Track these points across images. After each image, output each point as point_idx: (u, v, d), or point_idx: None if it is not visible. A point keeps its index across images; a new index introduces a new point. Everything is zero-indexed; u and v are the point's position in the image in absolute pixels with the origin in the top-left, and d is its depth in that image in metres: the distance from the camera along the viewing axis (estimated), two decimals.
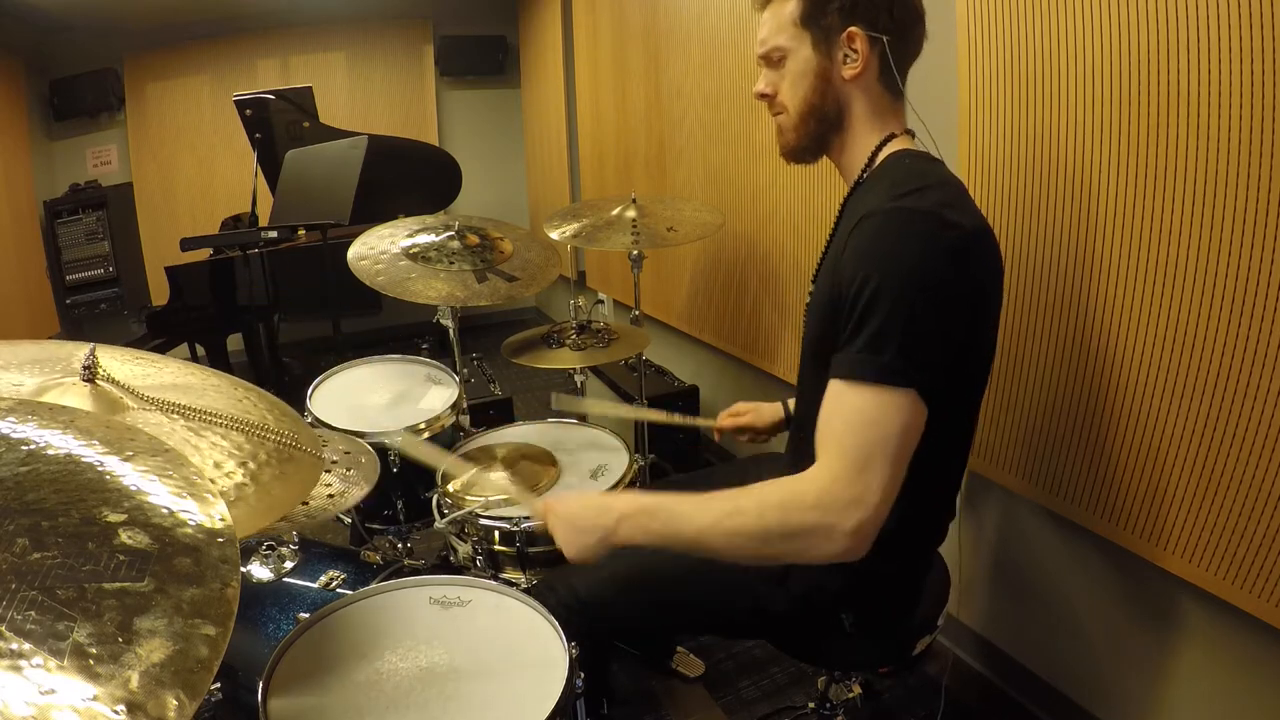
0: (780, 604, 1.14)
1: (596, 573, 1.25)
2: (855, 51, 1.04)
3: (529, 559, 1.54)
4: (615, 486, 1.59)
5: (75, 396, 0.87)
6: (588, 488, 1.58)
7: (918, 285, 0.91)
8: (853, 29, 1.03)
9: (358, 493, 1.44)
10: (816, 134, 1.12)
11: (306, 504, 1.37)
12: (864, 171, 1.10)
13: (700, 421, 1.66)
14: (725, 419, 1.58)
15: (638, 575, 1.24)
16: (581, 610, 1.18)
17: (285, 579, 1.37)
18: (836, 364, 0.96)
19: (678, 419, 1.65)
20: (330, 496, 1.42)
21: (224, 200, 4.65)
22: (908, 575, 1.16)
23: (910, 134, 1.12)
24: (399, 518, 1.89)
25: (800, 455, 1.13)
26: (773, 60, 1.12)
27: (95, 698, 0.45)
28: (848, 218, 1.08)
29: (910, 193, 0.97)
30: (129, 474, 0.62)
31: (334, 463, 1.51)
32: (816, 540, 0.91)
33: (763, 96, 1.15)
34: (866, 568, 1.10)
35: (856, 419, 0.92)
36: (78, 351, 0.94)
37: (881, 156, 1.09)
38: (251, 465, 0.88)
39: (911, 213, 0.94)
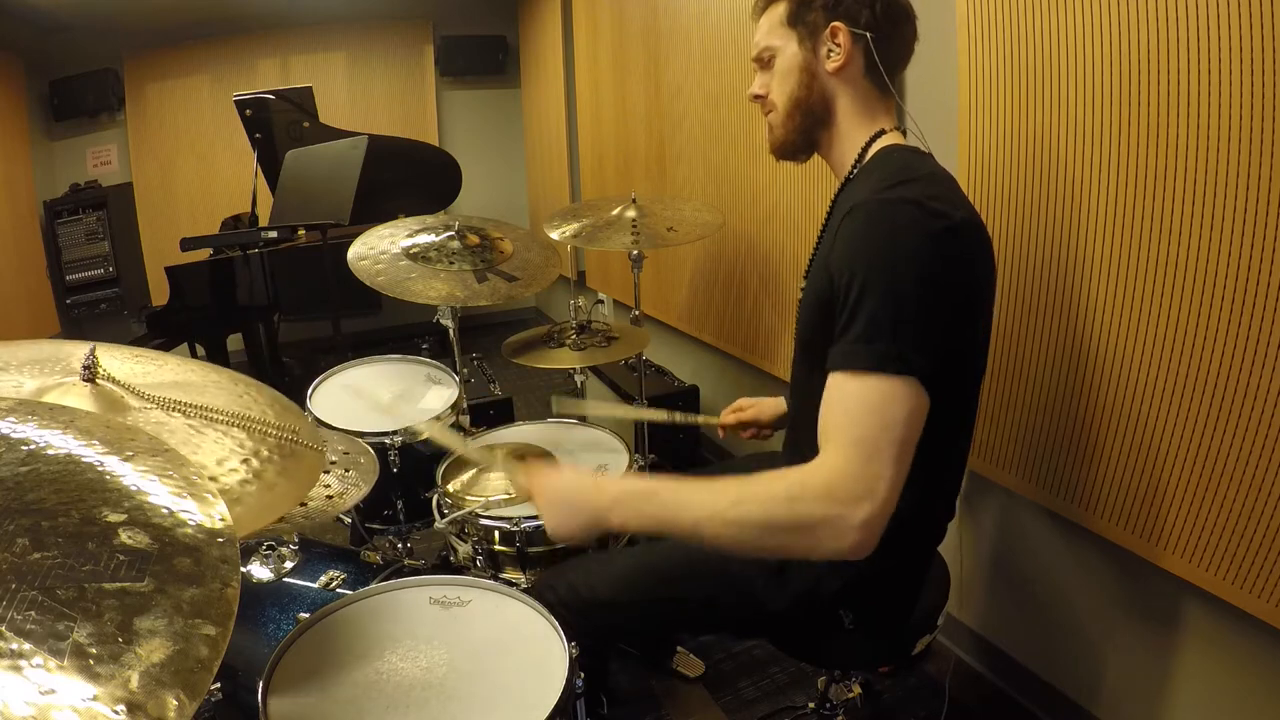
0: (780, 602, 1.14)
1: (596, 572, 1.25)
2: (838, 46, 1.08)
3: (529, 559, 1.54)
4: None
5: (76, 397, 0.87)
6: None
7: (908, 273, 0.91)
8: (835, 24, 1.07)
9: (356, 494, 1.44)
10: (803, 128, 1.14)
11: (305, 505, 1.37)
12: (854, 167, 1.12)
13: (703, 419, 1.67)
14: (728, 415, 1.58)
15: (637, 574, 1.24)
16: (581, 610, 1.18)
17: (285, 579, 1.37)
18: (833, 357, 0.94)
19: (679, 418, 1.65)
20: (329, 498, 1.43)
21: (224, 200, 4.65)
22: (908, 573, 1.16)
23: (901, 131, 1.13)
24: (399, 518, 1.89)
25: (796, 452, 1.13)
26: (764, 61, 1.17)
27: (95, 698, 0.45)
28: (837, 212, 1.09)
29: (897, 184, 0.98)
30: (129, 474, 0.62)
31: (333, 463, 1.51)
32: (824, 534, 0.88)
33: (756, 98, 1.20)
34: (866, 565, 1.10)
35: (858, 408, 0.90)
36: (77, 351, 0.94)
37: (871, 152, 1.10)
38: (254, 462, 0.88)
39: (899, 203, 0.95)
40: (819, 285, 1.02)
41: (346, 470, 1.50)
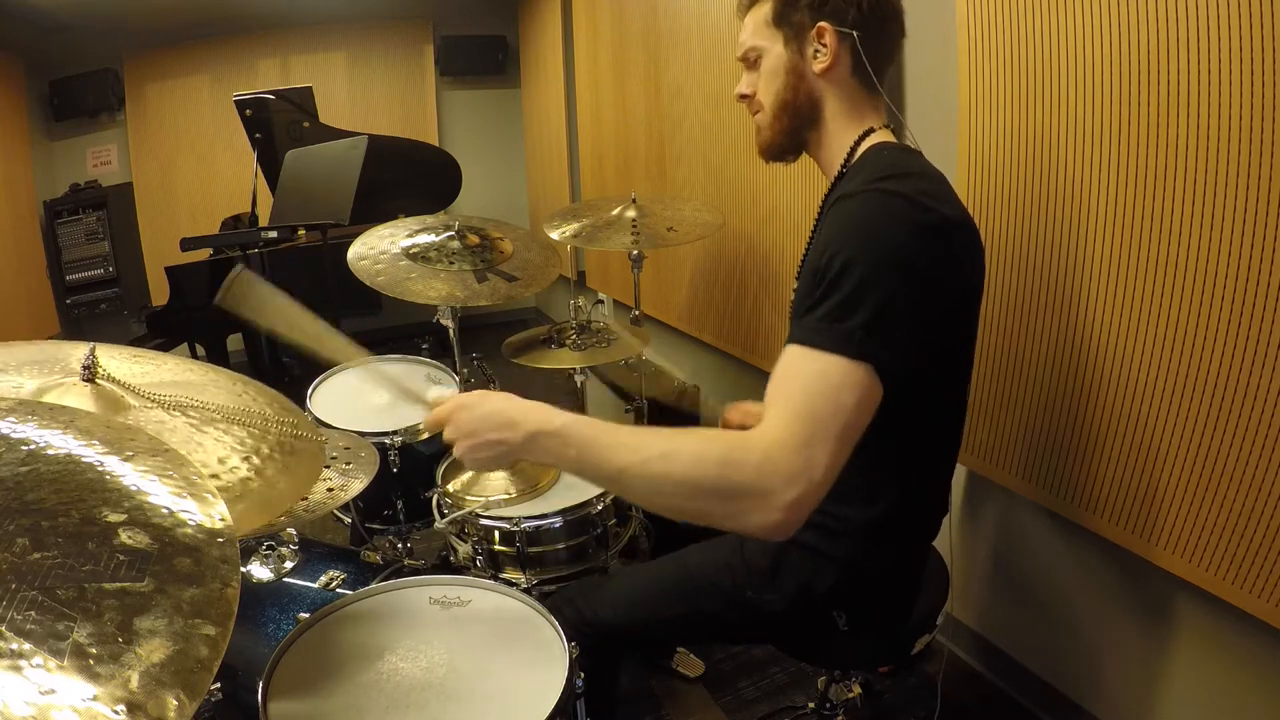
0: (776, 605, 1.15)
1: (599, 595, 1.26)
2: (825, 46, 1.07)
3: (529, 559, 1.54)
4: None
5: (76, 396, 0.87)
6: (587, 488, 1.58)
7: (890, 262, 0.90)
8: (821, 24, 1.06)
9: (357, 485, 1.44)
10: (791, 129, 1.14)
11: (306, 499, 1.37)
12: (844, 166, 1.11)
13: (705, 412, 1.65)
14: (734, 413, 1.56)
15: (638, 595, 1.26)
16: (590, 632, 1.19)
17: (285, 579, 1.37)
18: (797, 330, 0.92)
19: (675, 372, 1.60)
20: (330, 491, 1.42)
21: (224, 200, 4.65)
22: (899, 572, 1.16)
23: (891, 128, 1.13)
24: (399, 518, 1.89)
25: None
26: (750, 61, 1.17)
27: (95, 698, 0.45)
28: (827, 209, 1.09)
29: (888, 178, 0.97)
30: (129, 474, 0.62)
31: (333, 458, 1.51)
32: (750, 505, 0.84)
33: (743, 98, 1.19)
34: (857, 564, 1.10)
35: (811, 386, 0.87)
36: (76, 351, 0.94)
37: (860, 150, 1.10)
38: (255, 459, 0.88)
39: (888, 194, 0.94)
40: (807, 281, 1.01)
41: (347, 464, 1.50)
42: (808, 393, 0.87)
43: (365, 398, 1.96)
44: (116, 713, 0.45)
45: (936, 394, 1.04)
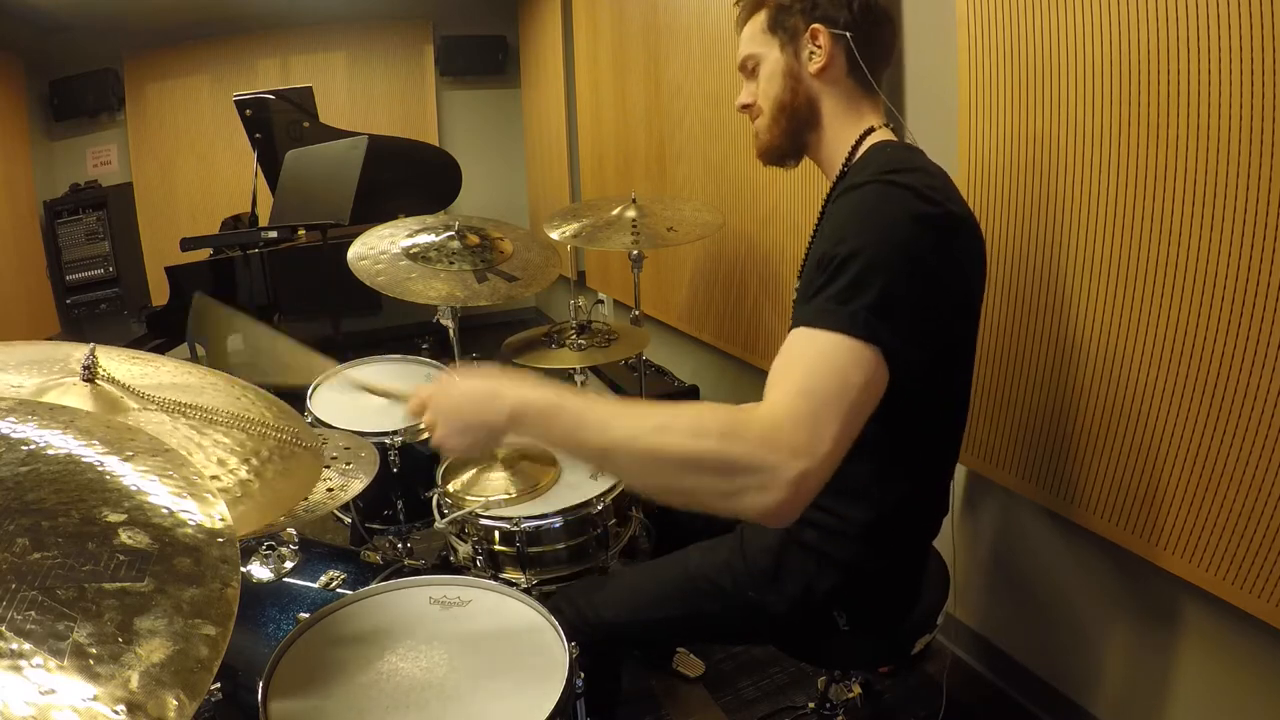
0: (776, 606, 1.15)
1: (600, 594, 1.26)
2: (819, 48, 1.09)
3: (529, 559, 1.54)
4: (615, 487, 1.59)
5: (75, 397, 0.87)
6: (587, 488, 1.59)
7: (897, 250, 0.90)
8: (815, 26, 1.08)
9: (357, 485, 1.44)
10: (790, 131, 1.15)
11: (306, 499, 1.37)
12: (845, 165, 1.12)
13: None
14: None
15: (639, 594, 1.26)
16: (589, 632, 1.19)
17: (285, 579, 1.37)
18: (802, 312, 0.90)
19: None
20: (330, 491, 1.43)
21: (224, 200, 4.65)
22: (900, 572, 1.16)
23: (891, 128, 1.14)
24: (399, 518, 1.89)
25: None
26: (749, 70, 1.19)
27: (95, 698, 0.45)
28: (831, 203, 1.09)
29: (895, 171, 0.98)
30: (129, 474, 0.62)
31: (334, 458, 1.51)
32: (752, 482, 0.79)
33: (744, 108, 1.21)
34: (859, 564, 1.11)
35: (817, 364, 0.85)
36: (76, 352, 0.94)
37: (862, 149, 1.10)
38: (255, 462, 0.88)
39: (894, 185, 0.95)
40: (810, 274, 1.01)
41: (347, 464, 1.50)
42: (813, 370, 0.84)
43: (366, 397, 1.96)
44: (116, 713, 0.45)
45: (939, 392, 1.04)
